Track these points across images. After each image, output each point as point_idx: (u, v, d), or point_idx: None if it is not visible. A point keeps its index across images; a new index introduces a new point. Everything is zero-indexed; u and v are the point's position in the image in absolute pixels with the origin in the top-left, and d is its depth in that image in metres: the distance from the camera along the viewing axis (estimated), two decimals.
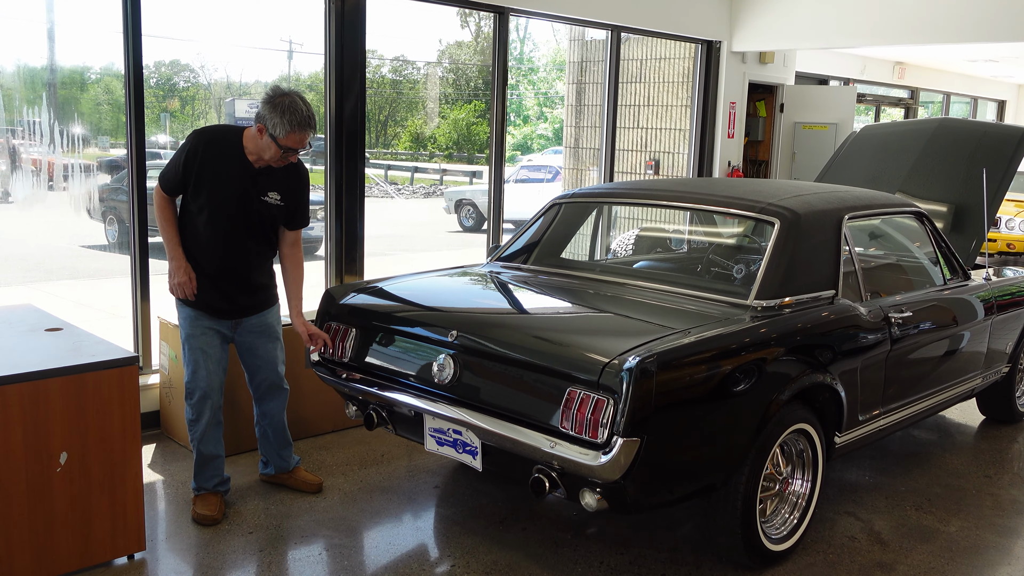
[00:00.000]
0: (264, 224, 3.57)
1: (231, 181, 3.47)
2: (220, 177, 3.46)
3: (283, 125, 3.33)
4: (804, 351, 3.32)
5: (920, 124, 6.23)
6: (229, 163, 3.47)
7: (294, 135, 3.35)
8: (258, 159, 3.48)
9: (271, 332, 3.74)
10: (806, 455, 3.49)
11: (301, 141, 3.38)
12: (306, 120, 3.36)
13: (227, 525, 3.63)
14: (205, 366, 3.59)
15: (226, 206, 3.48)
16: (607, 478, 2.74)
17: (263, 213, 3.55)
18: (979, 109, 16.45)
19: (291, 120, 3.33)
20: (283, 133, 3.34)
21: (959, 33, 6.99)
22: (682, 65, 8.63)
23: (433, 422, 3.29)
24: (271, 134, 3.36)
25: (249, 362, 3.77)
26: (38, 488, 3.00)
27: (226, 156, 3.47)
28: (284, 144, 3.37)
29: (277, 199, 3.56)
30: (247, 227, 3.54)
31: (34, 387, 2.94)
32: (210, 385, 3.61)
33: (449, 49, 27.95)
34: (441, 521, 3.78)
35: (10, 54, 9.80)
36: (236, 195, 3.48)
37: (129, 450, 3.19)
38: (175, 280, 3.51)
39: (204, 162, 3.44)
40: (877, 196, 4.23)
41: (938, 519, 3.92)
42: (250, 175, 3.50)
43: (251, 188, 3.50)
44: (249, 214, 3.52)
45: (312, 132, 3.41)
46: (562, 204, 4.39)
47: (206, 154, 3.45)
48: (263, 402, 3.85)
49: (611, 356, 2.78)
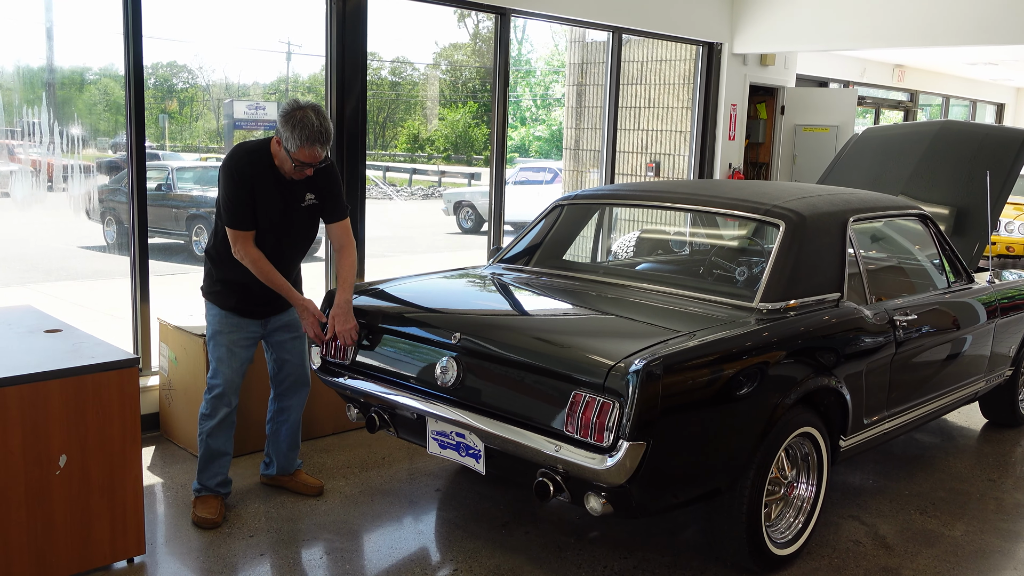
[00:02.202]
0: (306, 228, 3.60)
1: (273, 196, 3.46)
2: (265, 193, 3.44)
3: (294, 140, 3.30)
4: (809, 354, 3.30)
5: (923, 127, 6.22)
6: (267, 177, 3.45)
7: (304, 150, 3.31)
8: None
9: (299, 327, 3.75)
10: (811, 459, 3.46)
11: (313, 156, 3.34)
12: (317, 135, 3.30)
13: (227, 528, 3.60)
14: (229, 364, 3.59)
15: (272, 220, 3.47)
16: (612, 482, 2.72)
17: (304, 218, 3.57)
18: (978, 112, 16.46)
19: (301, 135, 3.29)
20: (295, 147, 3.31)
21: (959, 36, 6.99)
22: (683, 67, 8.62)
23: (436, 425, 3.26)
24: (285, 148, 3.35)
25: (279, 357, 3.77)
26: (37, 491, 2.97)
27: (264, 170, 3.44)
28: (296, 158, 3.34)
29: (312, 199, 3.56)
30: (290, 236, 3.56)
31: (33, 389, 2.91)
32: (229, 384, 3.60)
33: (445, 51, 27.94)
34: (443, 525, 3.75)
35: (9, 55, 9.77)
36: (280, 208, 3.48)
37: (129, 453, 3.16)
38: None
39: (254, 180, 3.42)
40: (882, 198, 4.22)
41: (942, 523, 3.90)
42: (286, 185, 3.49)
43: (290, 197, 3.50)
44: (292, 223, 3.54)
45: (325, 146, 3.35)
46: (565, 206, 4.37)
47: (252, 170, 3.42)
48: (285, 398, 3.83)
49: (617, 359, 2.76)
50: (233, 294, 3.59)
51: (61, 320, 3.57)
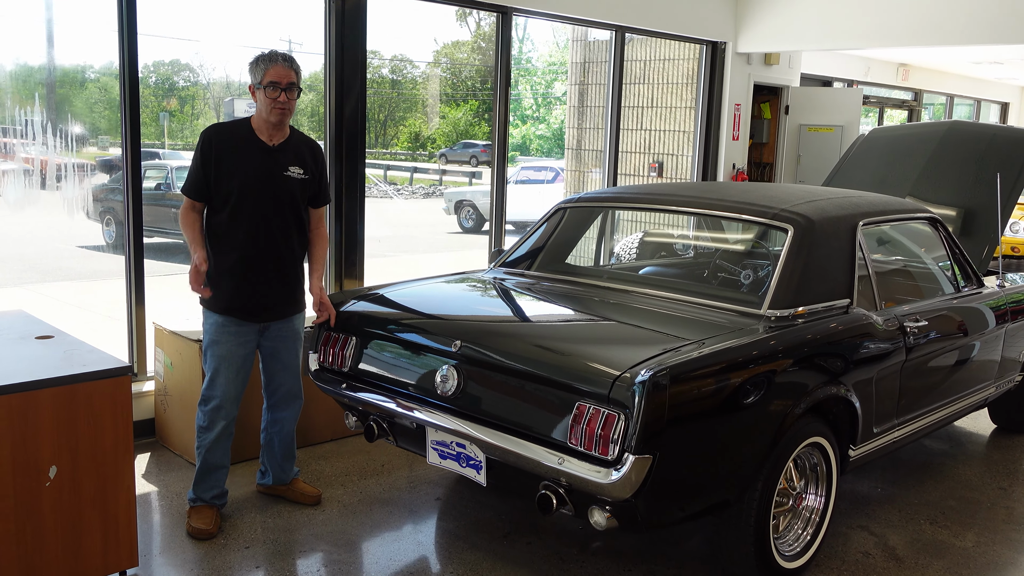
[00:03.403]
0: (294, 201, 3.56)
1: (252, 161, 3.49)
2: (240, 161, 3.48)
3: (259, 69, 3.43)
4: (819, 362, 3.22)
5: (930, 127, 6.13)
6: (245, 147, 3.49)
7: (270, 71, 3.41)
8: (270, 134, 3.50)
9: (297, 338, 3.70)
10: (820, 469, 3.38)
11: (279, 74, 3.41)
12: (275, 53, 3.44)
13: (223, 539, 3.52)
14: (225, 374, 3.52)
15: (252, 186, 3.47)
16: (618, 496, 2.64)
17: (290, 189, 3.54)
18: (982, 111, 16.36)
19: (259, 59, 3.44)
20: (261, 75, 3.42)
21: (965, 35, 6.90)
22: (686, 66, 8.53)
23: (435, 435, 3.18)
24: (256, 86, 3.44)
25: (270, 366, 3.70)
26: (27, 503, 2.89)
27: (241, 141, 3.50)
28: (267, 83, 3.40)
29: (300, 172, 3.57)
30: (276, 205, 3.52)
31: (23, 398, 2.83)
32: (227, 395, 3.53)
33: (446, 48, 27.86)
34: (443, 535, 3.68)
35: (7, 52, 9.69)
36: (260, 174, 3.49)
37: (121, 463, 3.08)
38: (192, 265, 3.41)
39: (220, 152, 3.46)
40: (891, 201, 4.13)
41: (953, 533, 3.82)
42: (268, 152, 3.52)
43: (273, 165, 3.51)
44: (276, 192, 3.51)
45: (289, 65, 3.44)
46: (567, 208, 4.28)
47: (220, 144, 3.48)
48: (276, 409, 3.76)
49: (622, 369, 2.68)
50: (225, 292, 3.49)
51: (53, 326, 3.49)
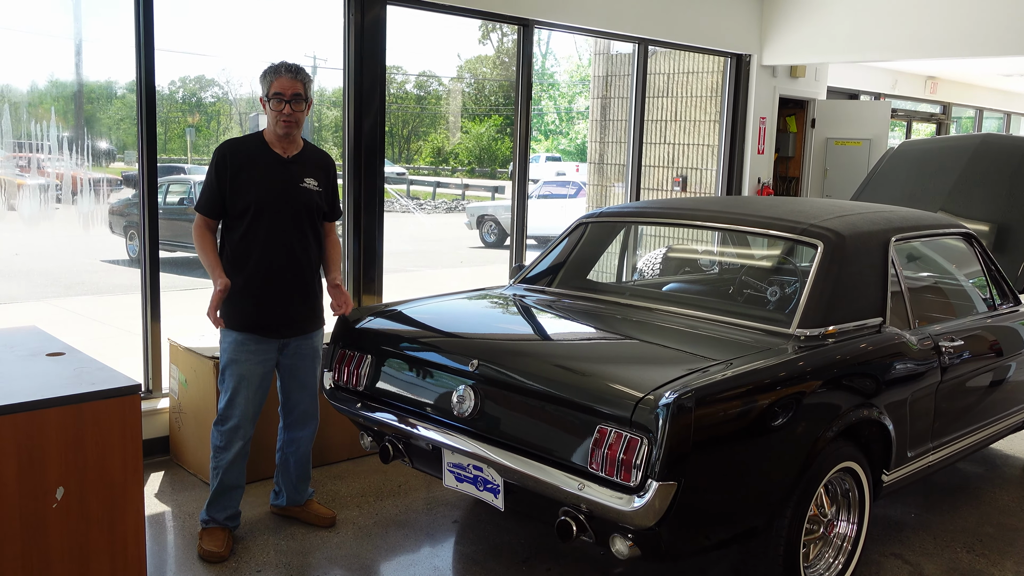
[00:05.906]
0: (311, 212, 3.52)
1: (268, 174, 3.45)
2: (256, 174, 3.45)
3: (265, 82, 3.41)
4: (850, 384, 3.09)
5: (962, 140, 5.98)
6: (261, 160, 3.47)
7: (275, 82, 3.39)
8: (283, 147, 3.48)
9: (316, 356, 3.64)
10: (852, 495, 3.25)
11: (283, 85, 3.38)
12: (281, 65, 3.40)
13: (234, 562, 3.43)
14: (244, 394, 3.46)
15: (269, 199, 3.43)
16: (641, 524, 2.52)
17: (306, 200, 3.50)
18: (1012, 125, 16.09)
19: (266, 71, 3.41)
20: (267, 87, 3.40)
21: (996, 46, 6.74)
22: (711, 79, 8.41)
23: (452, 457, 3.09)
24: (264, 98, 3.42)
25: (287, 385, 3.64)
26: (33, 525, 2.82)
27: (255, 155, 3.47)
28: (273, 95, 3.38)
29: (315, 184, 3.53)
30: (294, 217, 3.47)
31: (29, 418, 2.76)
32: (245, 415, 3.47)
33: (469, 63, 27.93)
34: (460, 560, 3.57)
35: (37, 69, 9.78)
36: (276, 187, 3.45)
37: (130, 484, 3.00)
38: (215, 291, 3.38)
39: (236, 167, 3.43)
40: (924, 216, 4.00)
41: (991, 562, 3.66)
42: (283, 165, 3.49)
43: (289, 177, 3.48)
44: (293, 204, 3.47)
45: (294, 75, 3.40)
46: (589, 223, 4.18)
47: (235, 159, 3.45)
48: (293, 429, 3.68)
49: (645, 391, 2.57)
50: (244, 308, 3.44)
51: (65, 342, 3.43)
